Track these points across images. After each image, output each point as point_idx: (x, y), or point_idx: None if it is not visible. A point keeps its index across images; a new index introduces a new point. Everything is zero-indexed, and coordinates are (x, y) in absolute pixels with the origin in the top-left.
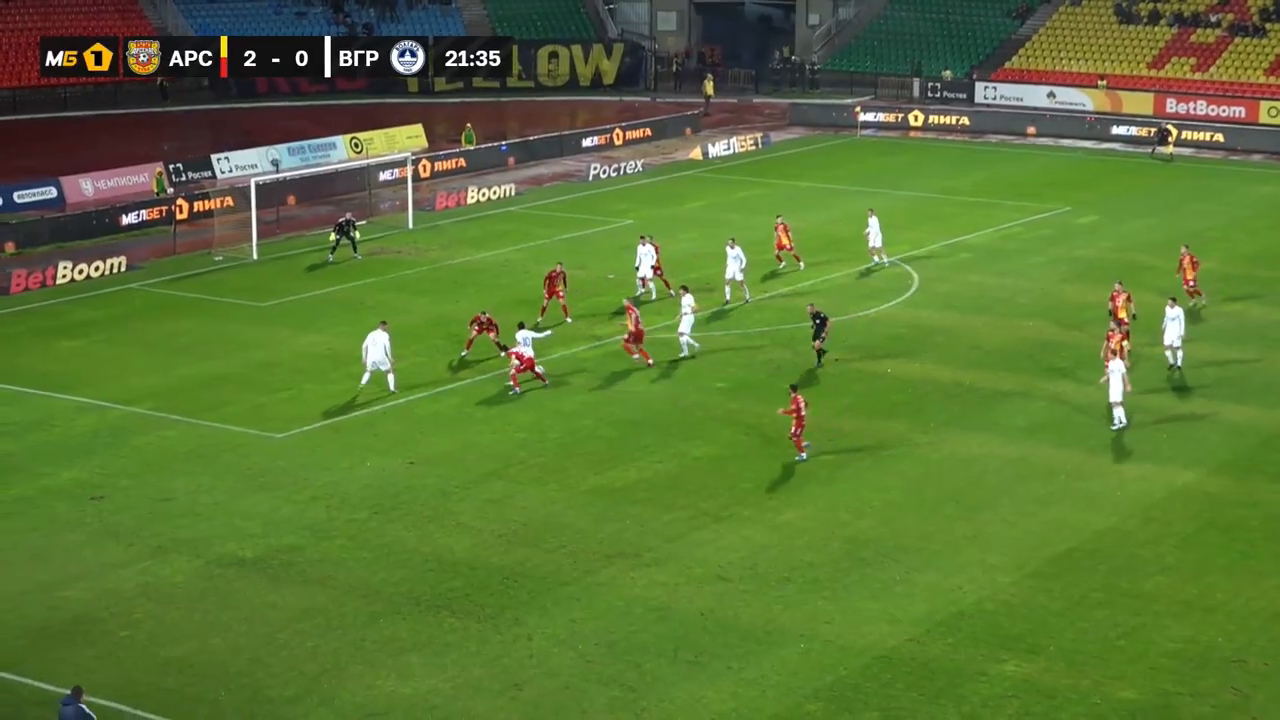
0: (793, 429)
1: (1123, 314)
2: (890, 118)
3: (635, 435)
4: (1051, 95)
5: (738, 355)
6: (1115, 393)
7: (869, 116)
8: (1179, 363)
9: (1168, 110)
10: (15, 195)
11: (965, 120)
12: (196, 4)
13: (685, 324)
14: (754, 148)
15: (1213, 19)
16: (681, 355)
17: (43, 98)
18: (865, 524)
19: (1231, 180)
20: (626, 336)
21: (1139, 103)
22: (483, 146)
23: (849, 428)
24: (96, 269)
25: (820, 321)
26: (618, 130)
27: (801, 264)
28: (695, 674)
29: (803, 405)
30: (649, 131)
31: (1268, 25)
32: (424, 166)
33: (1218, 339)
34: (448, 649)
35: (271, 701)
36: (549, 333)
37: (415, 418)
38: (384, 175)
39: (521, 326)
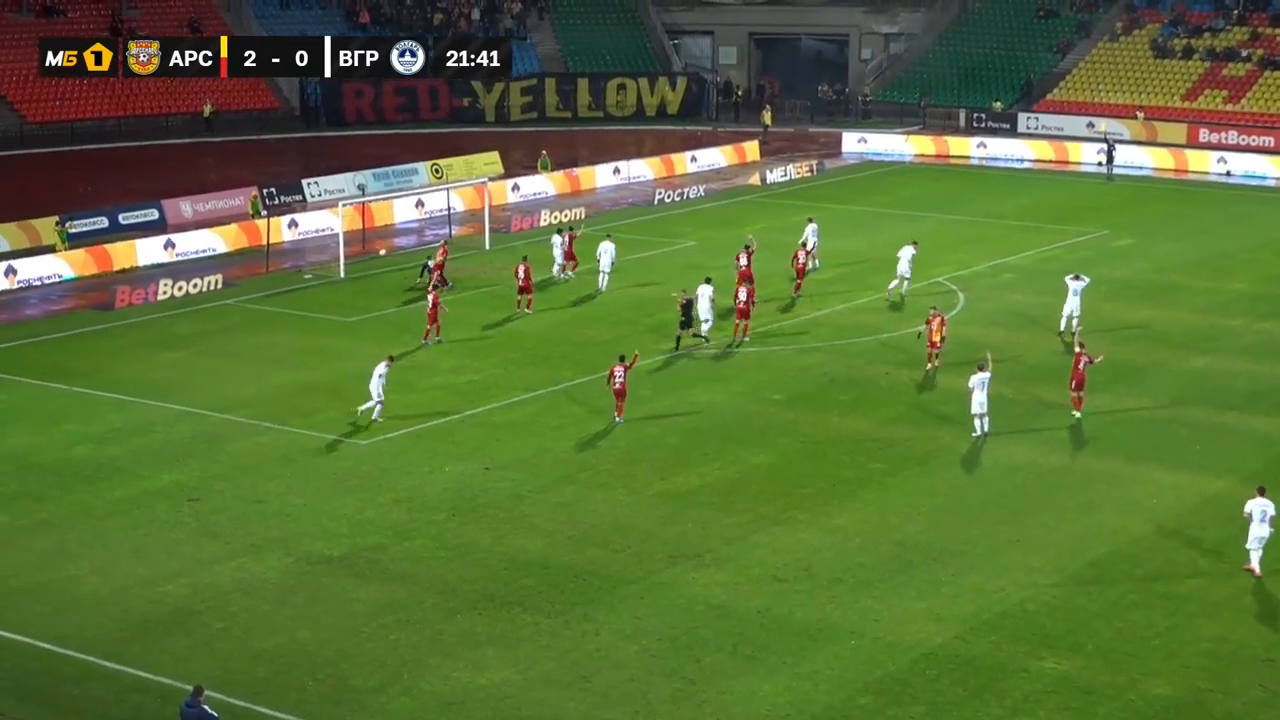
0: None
1: (936, 337)
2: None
3: (698, 443)
4: (1090, 125)
5: (793, 369)
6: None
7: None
8: (1076, 328)
9: (1200, 140)
10: (120, 217)
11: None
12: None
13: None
14: (809, 174)
15: (1243, 54)
16: None
17: (148, 126)
18: (913, 528)
19: (1258, 205)
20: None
21: (1173, 133)
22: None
23: (899, 437)
24: (195, 286)
25: (686, 314)
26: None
27: (573, 274)
28: (752, 668)
29: (622, 374)
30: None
31: None
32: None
33: (1249, 355)
34: (520, 643)
35: (356, 691)
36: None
37: (491, 425)
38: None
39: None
